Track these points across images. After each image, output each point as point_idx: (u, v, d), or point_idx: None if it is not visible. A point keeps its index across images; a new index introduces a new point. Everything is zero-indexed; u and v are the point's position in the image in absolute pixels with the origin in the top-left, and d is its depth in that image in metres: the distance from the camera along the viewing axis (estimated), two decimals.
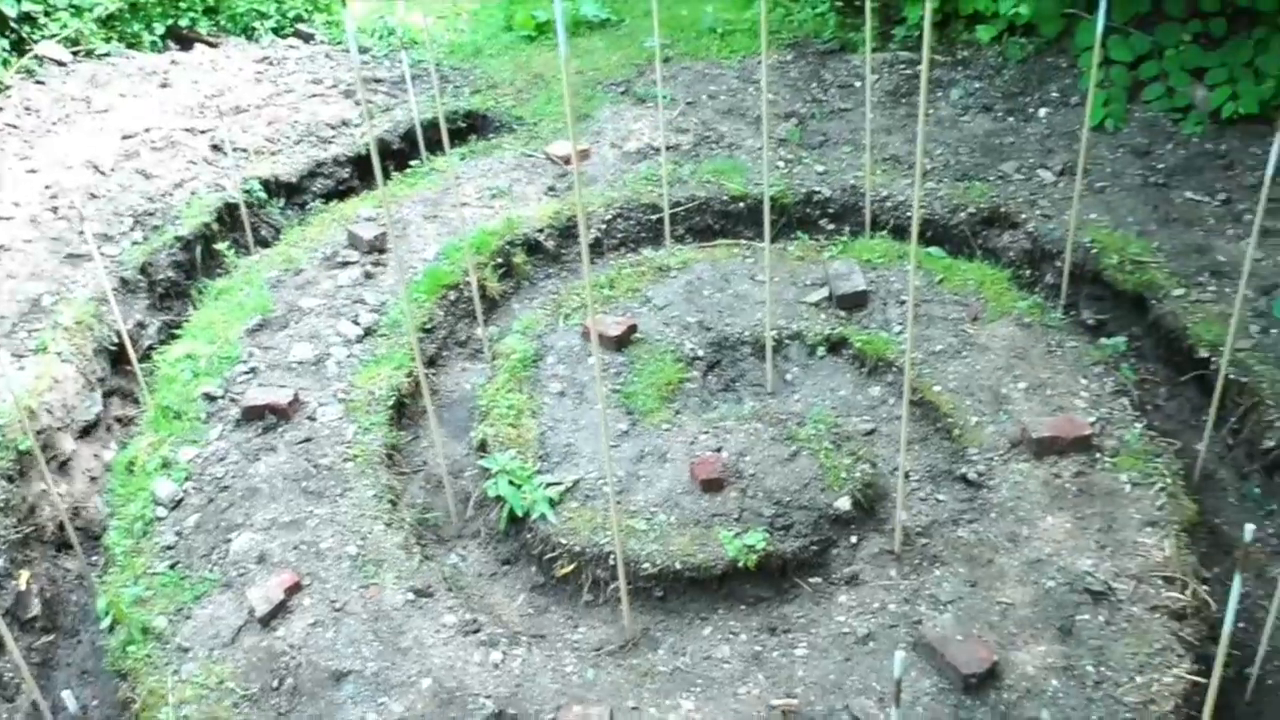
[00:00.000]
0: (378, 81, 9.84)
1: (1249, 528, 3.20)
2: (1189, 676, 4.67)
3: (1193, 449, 6.01)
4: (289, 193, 8.47)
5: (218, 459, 5.93)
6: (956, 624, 4.91)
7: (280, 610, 5.12)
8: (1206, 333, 6.36)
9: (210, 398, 6.29)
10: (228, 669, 4.90)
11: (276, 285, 7.19)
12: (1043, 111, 8.70)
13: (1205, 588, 5.11)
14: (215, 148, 8.50)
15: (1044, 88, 8.94)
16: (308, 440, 6.02)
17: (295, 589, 5.20)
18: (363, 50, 10.53)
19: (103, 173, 8.02)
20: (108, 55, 10.18)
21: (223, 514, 5.63)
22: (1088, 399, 6.03)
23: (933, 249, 7.43)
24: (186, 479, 5.83)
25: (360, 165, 8.78)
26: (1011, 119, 8.67)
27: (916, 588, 5.19)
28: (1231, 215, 7.34)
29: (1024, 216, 7.49)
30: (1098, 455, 5.68)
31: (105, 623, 5.28)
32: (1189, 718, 4.53)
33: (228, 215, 7.98)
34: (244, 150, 8.55)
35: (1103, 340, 6.65)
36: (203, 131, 8.72)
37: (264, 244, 7.98)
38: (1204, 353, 6.31)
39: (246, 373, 6.45)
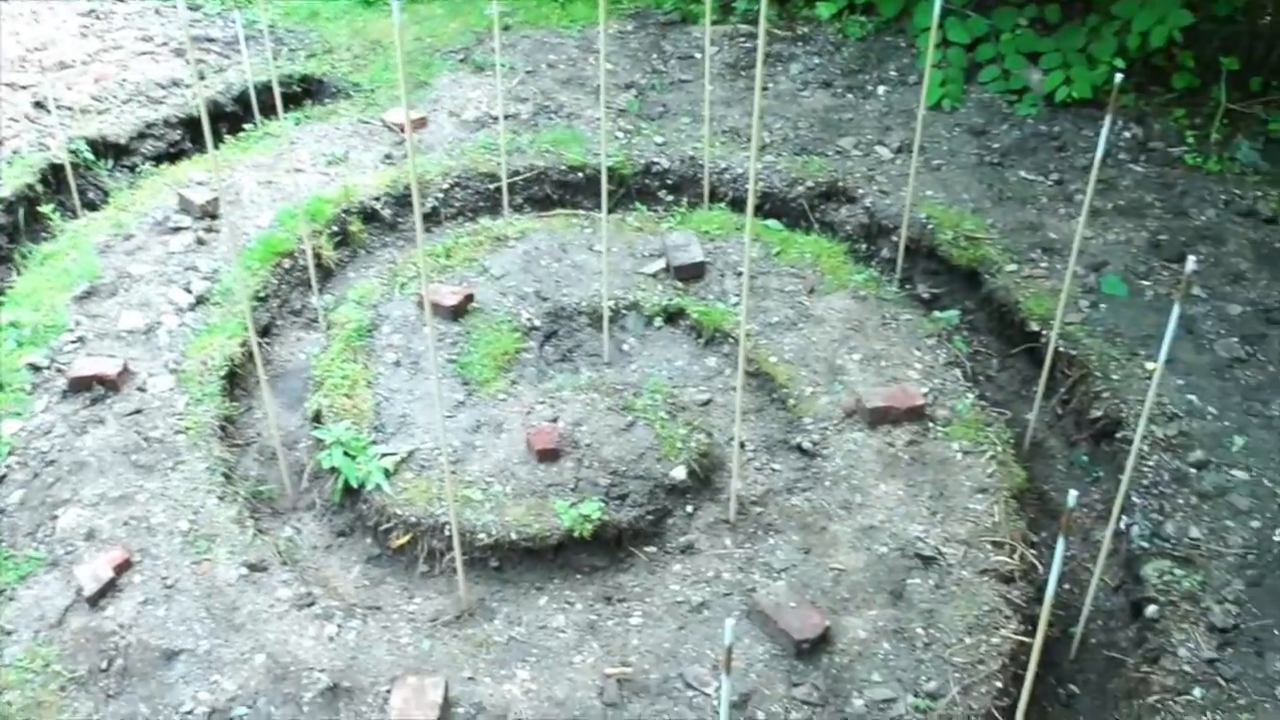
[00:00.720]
0: (210, 41, 9.57)
1: (1072, 493, 3.25)
2: (1015, 636, 4.77)
3: (1023, 419, 6.14)
4: (118, 154, 8.18)
5: (43, 432, 5.72)
6: (790, 591, 4.93)
7: (109, 589, 4.96)
8: (1037, 307, 6.48)
9: (35, 368, 6.06)
10: (54, 651, 4.74)
11: (105, 251, 6.95)
12: (881, 89, 8.80)
13: (1033, 551, 5.24)
14: (38, 105, 8.18)
15: (883, 66, 9.04)
16: (138, 412, 5.84)
17: (125, 566, 5.04)
18: (194, 8, 10.22)
19: None
20: None
21: (49, 490, 5.44)
22: (921, 370, 6.11)
23: (770, 221, 7.46)
24: (10, 454, 5.61)
25: (192, 127, 8.51)
26: (850, 96, 8.75)
27: (751, 556, 5.21)
28: (1063, 195, 7.50)
29: (861, 191, 7.55)
30: (930, 425, 5.77)
31: None
32: (1015, 676, 4.61)
33: (53, 176, 7.67)
34: (69, 108, 8.26)
35: (936, 313, 6.76)
36: (24, 87, 8.39)
37: (92, 207, 7.69)
38: (1035, 326, 6.44)
39: (74, 342, 6.23)
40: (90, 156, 7.95)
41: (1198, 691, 4.61)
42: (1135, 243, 7.00)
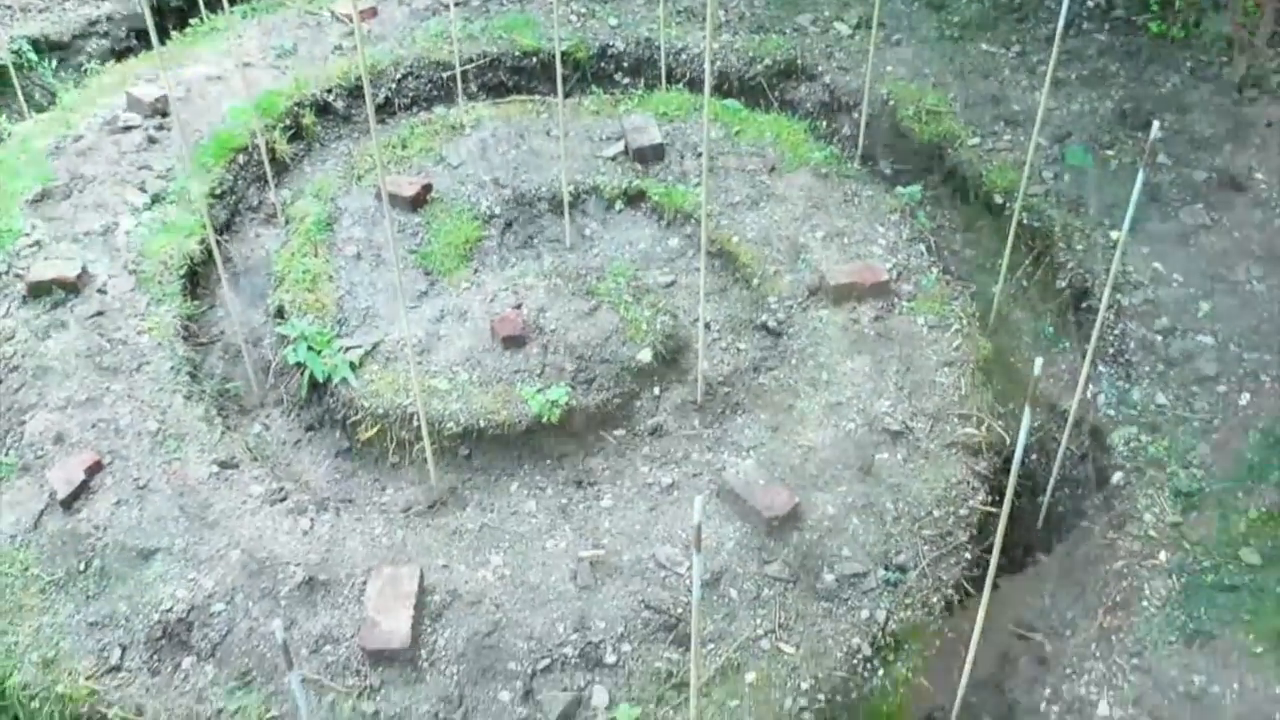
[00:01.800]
0: None
1: (1038, 361, 3.23)
2: (983, 508, 4.79)
3: (988, 292, 6.10)
4: (61, 53, 8.02)
5: (5, 338, 5.65)
6: (758, 469, 4.92)
7: (82, 491, 4.94)
8: (1001, 180, 6.46)
9: None
10: (31, 555, 4.73)
11: (56, 153, 6.82)
12: None
13: (1000, 423, 5.24)
14: None
15: None
16: (100, 314, 5.77)
17: (96, 469, 5.02)
18: None
19: None
20: None
21: (15, 395, 5.39)
22: (885, 246, 6.07)
23: (729, 101, 7.36)
24: None
25: (137, 23, 8.33)
26: None
27: (719, 436, 5.21)
28: (1026, 66, 7.43)
29: (821, 69, 7.48)
30: (895, 300, 5.75)
31: None
32: (985, 546, 4.63)
33: None
34: (8, 7, 8.07)
35: (899, 189, 6.69)
36: None
37: (39, 109, 7.55)
38: (998, 199, 6.41)
39: (30, 246, 6.13)
40: (33, 57, 7.78)
41: (1163, 555, 4.65)
42: (1099, 112, 6.95)
